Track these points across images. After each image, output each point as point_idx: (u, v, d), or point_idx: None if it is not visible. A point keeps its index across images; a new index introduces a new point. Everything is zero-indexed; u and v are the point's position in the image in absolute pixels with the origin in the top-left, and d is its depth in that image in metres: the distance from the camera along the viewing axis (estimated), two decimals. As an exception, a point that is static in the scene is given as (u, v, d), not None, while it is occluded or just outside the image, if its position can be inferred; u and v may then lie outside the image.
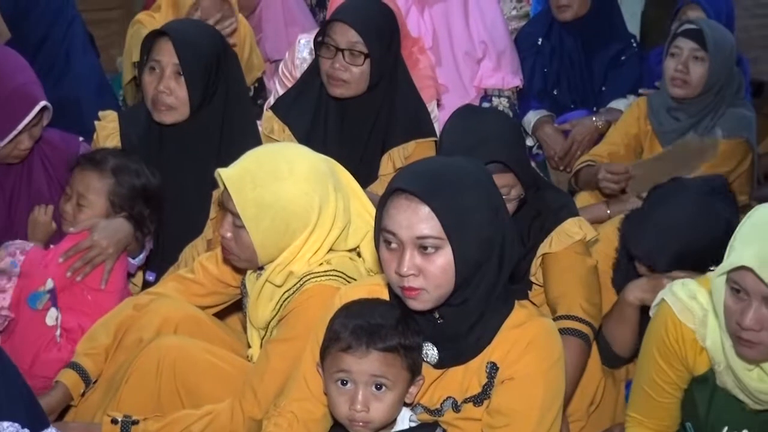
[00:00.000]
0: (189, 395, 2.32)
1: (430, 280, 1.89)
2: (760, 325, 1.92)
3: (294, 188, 2.24)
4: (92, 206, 2.73)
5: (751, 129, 3.59)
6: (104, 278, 2.67)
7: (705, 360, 2.14)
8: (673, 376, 2.20)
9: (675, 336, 2.16)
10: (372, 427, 1.98)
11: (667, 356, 2.19)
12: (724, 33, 3.58)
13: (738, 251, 1.95)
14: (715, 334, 2.07)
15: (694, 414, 2.21)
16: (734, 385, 2.09)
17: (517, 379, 1.96)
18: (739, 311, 1.95)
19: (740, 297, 1.95)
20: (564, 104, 4.17)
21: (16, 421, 1.75)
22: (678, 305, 2.16)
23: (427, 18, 3.88)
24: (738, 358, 2.02)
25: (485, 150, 2.44)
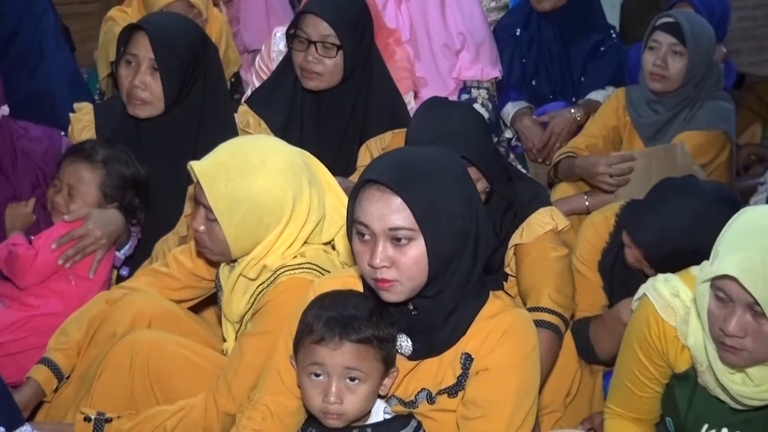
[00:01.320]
0: (163, 390, 2.32)
1: (403, 271, 1.89)
2: (744, 332, 1.92)
3: (267, 182, 2.24)
4: (84, 197, 2.76)
5: (730, 121, 3.59)
6: (93, 268, 2.69)
7: (686, 357, 2.14)
8: (654, 372, 2.21)
9: (657, 333, 2.17)
10: (345, 420, 1.98)
11: (649, 352, 2.19)
12: (702, 26, 3.58)
13: (722, 258, 1.95)
14: (698, 334, 2.08)
15: (674, 410, 2.22)
16: (715, 385, 2.09)
17: (491, 369, 1.96)
18: (722, 317, 1.95)
19: (724, 303, 1.95)
20: (543, 95, 4.18)
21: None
22: (660, 302, 2.16)
23: (405, 10, 3.89)
24: (721, 363, 2.02)
25: (449, 144, 2.44)
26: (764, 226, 1.95)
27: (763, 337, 1.91)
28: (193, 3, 3.71)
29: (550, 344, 2.49)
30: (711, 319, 1.98)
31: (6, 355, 2.55)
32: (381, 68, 3.30)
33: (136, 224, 2.85)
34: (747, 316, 1.92)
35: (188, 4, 3.69)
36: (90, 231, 2.67)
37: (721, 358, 2.00)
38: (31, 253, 2.66)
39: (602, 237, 2.78)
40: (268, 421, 2.06)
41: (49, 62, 3.11)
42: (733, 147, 3.64)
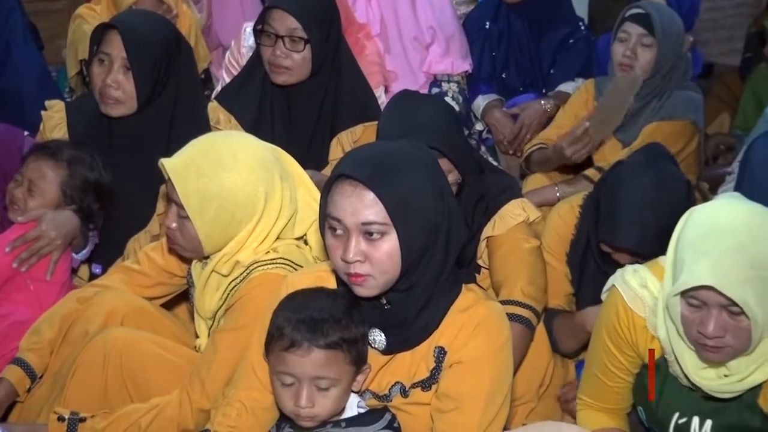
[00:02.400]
0: (136, 388, 2.31)
1: (376, 266, 1.89)
2: (724, 331, 1.93)
3: (239, 178, 2.23)
4: (43, 194, 2.74)
5: (698, 111, 3.61)
6: (50, 269, 2.67)
7: (656, 347, 2.16)
8: (625, 362, 2.22)
9: (626, 323, 2.18)
10: (318, 420, 1.99)
11: (619, 343, 2.21)
12: (672, 17, 3.60)
13: (691, 268, 1.93)
14: (667, 329, 2.08)
15: (645, 399, 2.23)
16: (683, 375, 2.11)
17: (465, 362, 1.97)
18: (698, 321, 1.96)
19: (698, 308, 1.95)
20: (513, 87, 4.19)
21: None
22: (629, 293, 2.17)
23: (375, 5, 3.89)
24: (701, 361, 2.03)
25: (420, 135, 2.45)
26: (720, 225, 1.95)
27: (742, 332, 1.93)
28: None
29: (522, 337, 2.51)
30: (686, 324, 1.99)
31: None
32: (350, 61, 3.30)
33: (93, 229, 2.83)
34: (723, 315, 1.93)
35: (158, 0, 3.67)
36: (44, 233, 2.65)
37: (702, 358, 2.01)
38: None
39: (569, 226, 2.80)
40: (242, 417, 2.06)
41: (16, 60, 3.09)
42: (701, 137, 3.67)
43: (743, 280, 1.88)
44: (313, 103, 3.20)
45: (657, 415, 2.22)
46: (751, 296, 1.88)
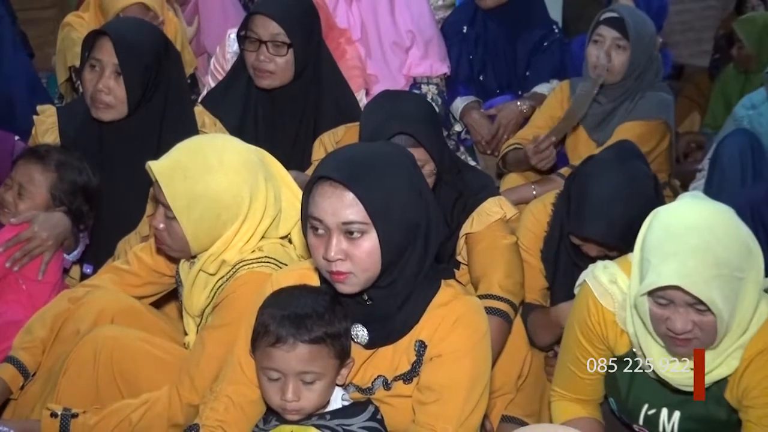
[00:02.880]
0: (127, 384, 2.30)
1: (357, 263, 1.90)
2: (692, 325, 1.95)
3: (224, 179, 2.24)
4: (33, 197, 2.73)
5: (669, 111, 3.63)
6: (42, 269, 2.66)
7: (626, 341, 2.17)
8: (595, 355, 2.23)
9: (597, 318, 2.19)
10: (304, 413, 1.99)
11: (590, 337, 2.22)
12: (645, 21, 3.62)
13: (657, 268, 1.94)
14: (634, 326, 2.10)
15: (616, 391, 2.25)
16: (652, 370, 2.12)
17: (445, 355, 1.98)
18: (666, 317, 1.97)
19: (665, 306, 1.97)
20: (490, 89, 4.19)
21: None
22: (599, 289, 2.18)
23: (355, 10, 3.89)
24: (670, 354, 2.05)
25: (396, 123, 2.49)
26: (684, 226, 1.96)
27: (709, 326, 1.94)
28: (148, 6, 3.69)
29: (500, 330, 2.52)
30: (654, 320, 2.00)
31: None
32: (331, 65, 3.30)
33: (84, 230, 2.83)
34: (690, 312, 1.94)
35: (144, 7, 3.67)
36: (36, 233, 2.64)
37: (672, 352, 2.03)
38: None
39: (542, 224, 2.81)
40: (230, 411, 2.06)
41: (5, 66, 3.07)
42: (672, 135, 3.68)
43: (708, 279, 1.89)
44: (296, 105, 3.20)
45: (627, 407, 2.23)
46: (717, 294, 1.89)
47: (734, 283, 1.92)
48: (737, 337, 2.01)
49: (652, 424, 2.20)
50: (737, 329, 1.99)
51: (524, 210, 2.94)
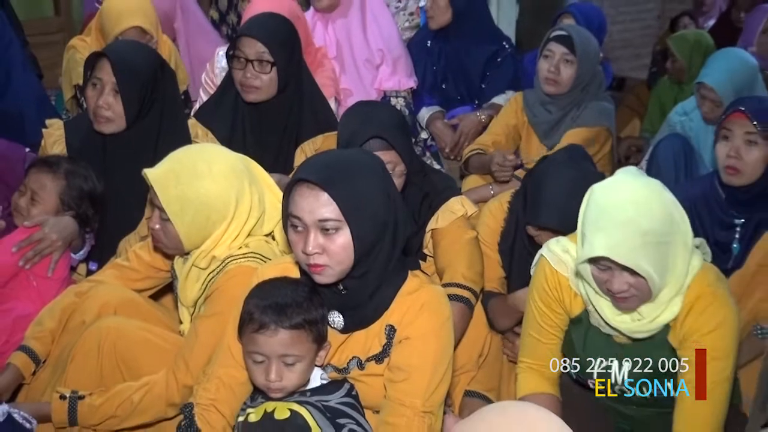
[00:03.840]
0: (128, 369, 2.29)
1: (332, 257, 1.90)
2: (628, 285, 1.98)
3: (213, 185, 2.23)
4: (44, 203, 2.71)
5: (611, 118, 3.65)
6: (51, 267, 2.65)
7: (579, 303, 2.20)
8: (554, 319, 2.24)
9: (553, 283, 2.21)
10: (286, 392, 1.99)
11: (548, 301, 2.23)
12: (589, 38, 3.63)
13: (590, 240, 1.99)
14: (585, 287, 2.13)
15: (572, 351, 2.25)
16: (604, 323, 2.14)
17: (412, 338, 1.98)
18: (605, 279, 2.01)
19: (604, 270, 2.01)
20: (452, 97, 4.18)
21: None
22: (553, 258, 2.21)
23: (331, 31, 3.87)
24: (616, 309, 2.09)
25: (371, 128, 2.48)
26: (612, 202, 1.99)
27: (643, 286, 1.98)
28: (145, 29, 3.66)
29: (462, 314, 2.52)
30: (597, 282, 2.04)
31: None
32: (310, 80, 3.29)
33: (89, 232, 2.82)
34: (625, 275, 1.98)
35: (141, 30, 3.64)
36: (47, 235, 2.62)
37: (616, 306, 2.07)
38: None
39: (498, 220, 2.81)
40: (221, 391, 2.06)
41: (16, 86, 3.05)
42: (614, 140, 3.70)
43: (634, 248, 1.93)
44: (280, 117, 3.18)
45: (583, 364, 2.23)
46: (644, 260, 1.93)
47: (661, 248, 1.96)
48: (675, 288, 2.05)
49: (606, 375, 2.21)
50: (674, 282, 2.04)
51: (483, 208, 2.94)
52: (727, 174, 2.71)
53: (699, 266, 2.09)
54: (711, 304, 2.07)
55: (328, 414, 1.99)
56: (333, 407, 2.01)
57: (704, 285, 2.08)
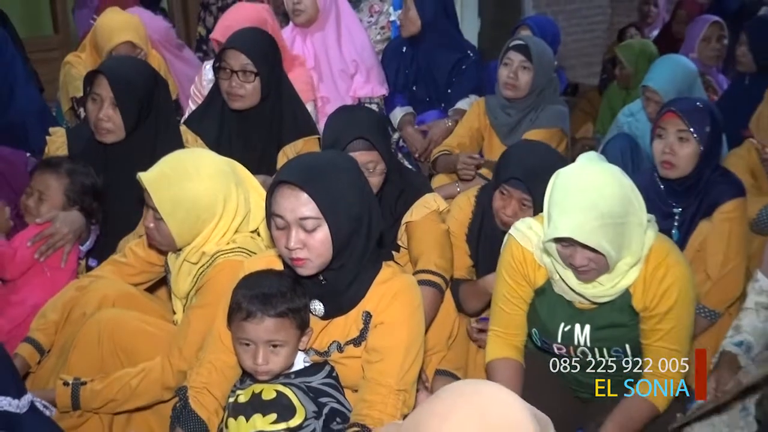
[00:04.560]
0: (127, 356, 2.28)
1: (312, 251, 1.90)
2: (588, 260, 2.01)
3: (201, 187, 2.22)
4: (51, 200, 2.70)
5: (565, 120, 3.66)
6: (64, 258, 2.65)
7: (543, 274, 2.22)
8: (519, 291, 2.26)
9: (518, 257, 2.23)
10: (273, 374, 1.99)
11: (514, 275, 2.25)
12: (545, 48, 3.65)
13: (555, 221, 2.01)
14: (551, 260, 2.15)
15: (537, 320, 2.26)
16: (568, 290, 2.16)
17: (387, 323, 1.99)
18: (568, 255, 2.05)
19: (567, 246, 2.04)
20: (421, 98, 4.18)
21: (7, 386, 1.67)
22: (519, 235, 2.23)
23: (309, 44, 3.87)
24: (578, 279, 2.12)
25: (354, 129, 2.49)
26: (575, 187, 2.02)
27: (601, 261, 2.02)
28: (135, 44, 3.63)
29: (434, 298, 2.54)
30: (562, 257, 2.08)
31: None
32: (290, 88, 3.28)
33: (94, 223, 2.81)
34: (586, 252, 2.01)
35: (132, 45, 3.61)
36: (58, 229, 2.62)
37: (578, 278, 2.10)
38: (10, 251, 2.61)
39: (466, 213, 2.82)
40: (213, 375, 2.06)
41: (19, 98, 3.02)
42: (568, 140, 3.71)
43: (594, 229, 1.96)
44: (263, 123, 3.17)
45: (547, 329, 2.25)
46: (603, 239, 1.96)
47: (618, 227, 1.99)
48: (632, 260, 2.08)
49: (568, 339, 2.22)
50: (631, 256, 2.07)
51: (452, 203, 2.95)
52: (663, 168, 2.75)
53: (654, 238, 2.13)
54: (669, 270, 2.11)
55: (311, 394, 1.99)
56: (315, 387, 2.01)
57: (662, 254, 2.12)
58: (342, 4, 4.00)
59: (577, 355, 2.24)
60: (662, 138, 2.75)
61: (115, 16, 3.66)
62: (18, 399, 1.61)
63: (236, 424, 1.98)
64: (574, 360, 2.26)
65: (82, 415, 2.24)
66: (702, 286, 2.72)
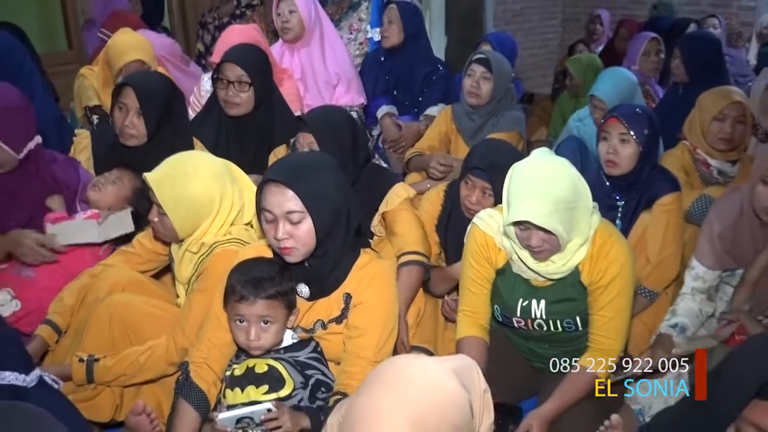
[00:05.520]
0: (135, 335, 2.28)
1: (298, 241, 1.90)
2: (542, 241, 2.04)
3: (200, 186, 2.21)
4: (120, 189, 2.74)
5: (522, 125, 3.66)
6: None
7: (503, 256, 2.23)
8: (483, 272, 2.27)
9: (481, 242, 2.24)
10: (264, 349, 1.99)
11: (477, 258, 2.26)
12: (504, 61, 3.64)
13: (513, 207, 2.03)
14: (510, 243, 2.17)
15: (499, 297, 2.28)
16: (525, 269, 2.18)
17: (365, 303, 2.00)
18: (525, 237, 2.06)
19: (524, 229, 2.05)
20: (401, 101, 4.18)
21: (15, 363, 1.63)
22: (482, 223, 2.25)
23: (296, 58, 3.85)
24: (534, 259, 2.14)
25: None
26: (532, 177, 2.03)
27: (554, 241, 2.04)
28: (144, 61, 3.60)
29: (418, 274, 2.56)
30: (519, 239, 2.09)
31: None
32: (279, 98, 3.27)
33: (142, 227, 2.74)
34: (541, 234, 2.03)
35: (141, 62, 3.57)
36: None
37: (534, 257, 2.12)
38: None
39: (436, 207, 2.82)
40: (211, 351, 2.06)
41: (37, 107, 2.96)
42: (524, 142, 3.72)
43: (548, 213, 1.98)
44: (256, 127, 3.15)
45: (508, 305, 2.26)
46: (556, 222, 1.99)
47: (568, 212, 2.01)
48: (580, 240, 2.10)
49: (526, 313, 2.24)
50: (579, 237, 2.09)
51: (423, 197, 2.96)
52: (608, 167, 2.77)
53: (599, 221, 2.15)
54: (612, 248, 2.13)
55: (299, 367, 2.00)
56: (302, 361, 2.01)
57: (605, 236, 2.14)
58: (325, 22, 3.98)
59: (535, 327, 2.26)
60: (607, 140, 2.77)
61: (126, 37, 3.63)
62: (26, 374, 1.59)
63: (233, 395, 1.98)
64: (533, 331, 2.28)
65: (96, 388, 2.24)
66: (643, 270, 2.74)
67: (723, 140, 3.13)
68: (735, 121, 3.11)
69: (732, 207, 2.54)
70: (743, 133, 3.16)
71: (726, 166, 3.19)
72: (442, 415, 1.17)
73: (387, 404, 1.15)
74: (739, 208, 2.51)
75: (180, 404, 2.02)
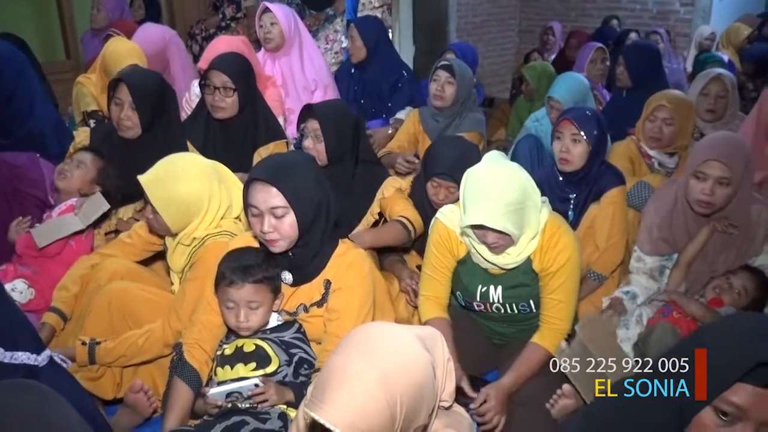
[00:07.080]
0: (133, 320, 2.27)
1: (282, 233, 1.91)
2: (497, 239, 2.06)
3: (189, 187, 2.21)
4: (85, 172, 2.71)
5: (483, 126, 3.68)
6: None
7: (464, 248, 2.25)
8: (444, 262, 2.28)
9: (444, 235, 2.26)
10: (252, 330, 2.00)
11: (440, 248, 2.28)
12: (466, 67, 3.65)
13: (469, 211, 2.05)
14: (468, 239, 2.19)
15: (461, 284, 2.30)
16: (483, 260, 2.20)
17: (343, 288, 2.01)
18: (482, 235, 2.08)
19: (479, 229, 2.07)
20: (368, 110, 4.18)
21: (28, 344, 1.62)
22: (444, 218, 2.27)
23: (277, 66, 3.85)
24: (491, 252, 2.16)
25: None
26: (483, 182, 2.05)
27: (507, 238, 2.07)
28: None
29: (402, 230, 2.65)
30: (477, 237, 2.11)
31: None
32: (262, 102, 3.26)
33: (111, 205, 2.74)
34: (495, 233, 2.05)
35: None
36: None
37: (490, 251, 2.14)
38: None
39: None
40: (203, 333, 2.06)
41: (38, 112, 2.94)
42: (485, 142, 3.74)
43: (500, 215, 2.00)
44: (241, 129, 3.15)
45: (469, 291, 2.28)
46: (507, 223, 2.01)
47: (519, 212, 2.04)
48: (531, 234, 2.13)
49: (485, 298, 2.26)
50: (530, 231, 2.12)
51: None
52: (561, 164, 2.80)
53: (548, 215, 2.18)
54: (560, 239, 2.16)
55: (284, 346, 2.01)
56: (287, 341, 2.02)
57: (554, 228, 2.17)
58: (304, 33, 3.98)
59: (493, 310, 2.29)
60: (560, 140, 2.80)
61: (121, 45, 3.60)
62: (38, 354, 1.58)
63: (223, 372, 1.99)
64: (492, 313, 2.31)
65: (99, 369, 2.23)
66: (592, 256, 2.78)
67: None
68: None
69: (668, 198, 2.59)
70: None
71: (665, 158, 3.26)
72: (407, 372, 1.21)
73: (358, 362, 1.19)
74: (674, 199, 2.56)
75: (175, 382, 2.03)
